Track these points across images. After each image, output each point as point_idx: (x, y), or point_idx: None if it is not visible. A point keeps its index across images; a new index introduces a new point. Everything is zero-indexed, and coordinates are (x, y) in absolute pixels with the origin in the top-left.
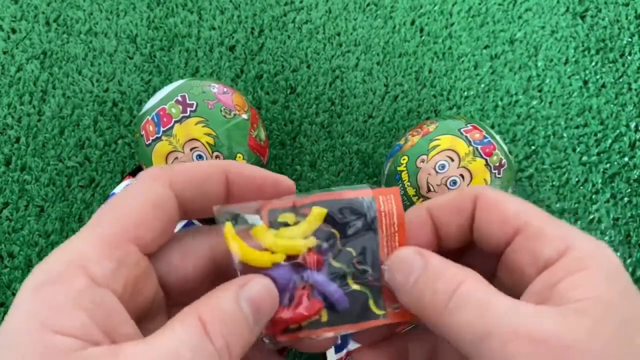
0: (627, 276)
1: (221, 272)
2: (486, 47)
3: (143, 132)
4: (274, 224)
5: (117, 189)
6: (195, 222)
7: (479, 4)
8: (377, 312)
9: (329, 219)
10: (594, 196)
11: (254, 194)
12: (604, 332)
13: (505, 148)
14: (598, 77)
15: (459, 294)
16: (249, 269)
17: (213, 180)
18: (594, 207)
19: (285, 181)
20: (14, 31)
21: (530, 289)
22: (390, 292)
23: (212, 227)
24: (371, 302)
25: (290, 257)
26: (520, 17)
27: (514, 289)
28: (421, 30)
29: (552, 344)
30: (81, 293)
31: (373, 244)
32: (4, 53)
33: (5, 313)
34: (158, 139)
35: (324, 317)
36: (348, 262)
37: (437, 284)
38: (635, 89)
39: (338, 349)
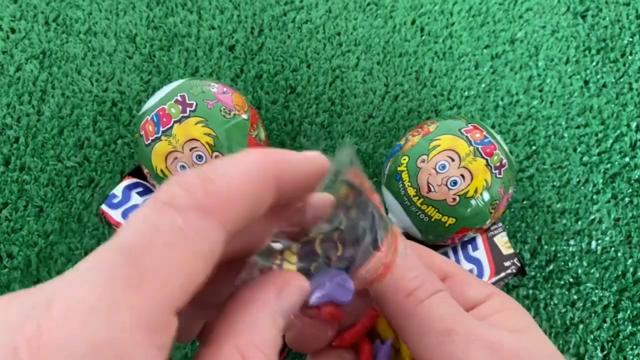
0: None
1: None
2: (487, 46)
3: (142, 132)
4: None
5: (117, 190)
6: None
7: (480, 3)
8: None
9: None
10: (594, 196)
11: (302, 191)
12: (546, 347)
13: (506, 148)
14: (599, 77)
15: (441, 294)
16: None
17: (265, 200)
18: (595, 207)
19: (321, 161)
20: (13, 31)
21: None
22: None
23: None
24: None
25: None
26: (520, 17)
27: None
28: (421, 30)
29: (506, 352)
30: None
31: (363, 257)
32: (3, 53)
33: None
34: (157, 139)
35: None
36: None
37: (426, 282)
38: (636, 89)
39: None
